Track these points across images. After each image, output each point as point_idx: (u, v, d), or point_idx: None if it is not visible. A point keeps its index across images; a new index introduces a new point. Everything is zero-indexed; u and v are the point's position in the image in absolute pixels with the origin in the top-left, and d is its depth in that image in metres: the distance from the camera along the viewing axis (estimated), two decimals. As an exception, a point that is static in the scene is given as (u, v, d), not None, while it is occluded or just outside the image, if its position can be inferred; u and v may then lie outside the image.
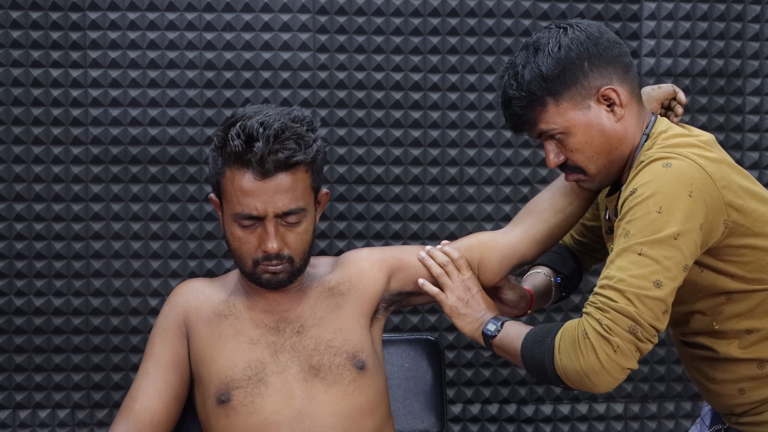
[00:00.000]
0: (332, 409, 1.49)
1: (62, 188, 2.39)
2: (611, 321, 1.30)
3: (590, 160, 1.47)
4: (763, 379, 1.47)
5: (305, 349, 1.53)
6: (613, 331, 1.30)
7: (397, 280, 1.65)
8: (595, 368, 1.31)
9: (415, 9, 2.45)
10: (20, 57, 2.37)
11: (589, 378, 1.33)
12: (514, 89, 1.48)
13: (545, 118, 1.47)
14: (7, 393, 2.41)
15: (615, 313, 1.31)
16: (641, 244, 1.32)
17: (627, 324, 1.30)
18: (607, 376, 1.31)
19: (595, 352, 1.31)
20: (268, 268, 1.49)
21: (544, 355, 1.39)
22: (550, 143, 1.50)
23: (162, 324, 1.58)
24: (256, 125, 1.43)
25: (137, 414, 1.49)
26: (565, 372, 1.36)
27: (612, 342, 1.30)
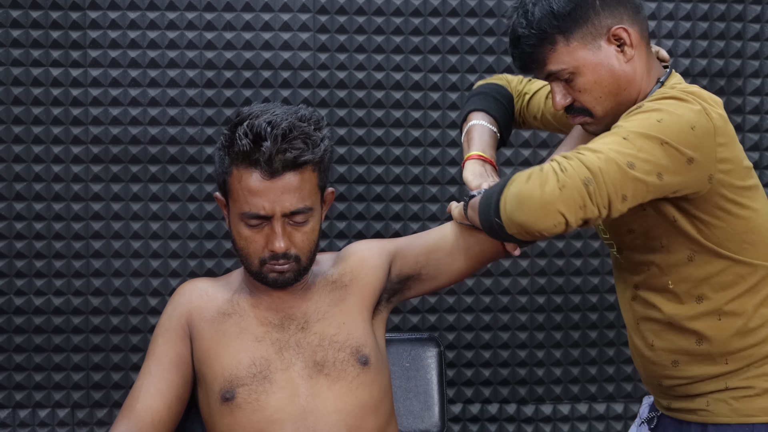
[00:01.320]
0: (336, 406, 1.49)
1: (62, 187, 2.39)
2: (570, 165, 1.27)
3: (598, 101, 1.45)
4: (697, 355, 1.46)
5: (310, 345, 1.53)
6: (567, 172, 1.26)
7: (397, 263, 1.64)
8: (534, 195, 1.26)
9: (415, 8, 2.45)
10: (20, 56, 2.37)
11: (524, 203, 1.27)
12: (523, 27, 1.45)
13: (555, 57, 1.44)
14: (7, 392, 2.41)
15: (577, 161, 1.27)
16: (629, 131, 1.30)
17: (584, 173, 1.25)
18: (541, 208, 1.26)
19: (540, 183, 1.26)
20: (274, 267, 1.49)
21: (495, 192, 1.35)
22: (558, 84, 1.48)
23: (165, 324, 1.58)
24: (263, 124, 1.43)
25: (139, 414, 1.49)
26: (505, 200, 1.31)
27: (561, 179, 1.25)
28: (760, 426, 1.44)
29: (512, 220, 1.30)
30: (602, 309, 2.54)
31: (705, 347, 1.46)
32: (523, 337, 2.53)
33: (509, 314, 2.52)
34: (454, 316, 2.51)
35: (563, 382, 2.55)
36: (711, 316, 1.44)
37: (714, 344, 1.45)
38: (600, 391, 2.56)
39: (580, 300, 2.54)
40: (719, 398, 1.46)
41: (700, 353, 1.46)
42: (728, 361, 1.45)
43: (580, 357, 2.55)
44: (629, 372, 2.55)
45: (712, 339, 1.45)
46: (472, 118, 1.70)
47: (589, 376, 2.55)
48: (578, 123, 1.52)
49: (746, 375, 1.45)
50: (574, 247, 2.53)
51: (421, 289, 1.68)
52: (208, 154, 2.42)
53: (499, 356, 2.53)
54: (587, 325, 2.54)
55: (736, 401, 1.45)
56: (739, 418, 1.45)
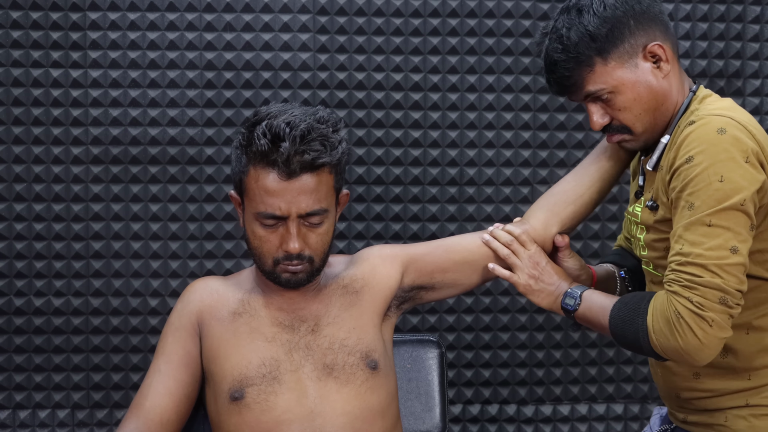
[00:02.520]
0: (344, 409, 1.49)
1: (62, 188, 2.39)
2: (701, 297, 1.31)
3: (638, 118, 1.47)
4: (721, 369, 1.47)
5: (319, 347, 1.53)
6: (706, 307, 1.31)
7: (410, 274, 1.64)
8: (695, 346, 1.33)
9: (415, 10, 2.45)
10: (20, 57, 2.37)
11: (690, 355, 1.34)
12: (559, 52, 1.47)
13: (593, 78, 1.46)
14: (7, 393, 2.41)
15: (703, 288, 1.32)
16: (710, 216, 1.33)
17: (717, 296, 1.31)
18: (707, 350, 1.33)
19: (692, 331, 1.32)
20: (288, 267, 1.49)
21: (638, 336, 1.39)
22: (595, 105, 1.50)
23: (175, 322, 1.57)
24: (282, 125, 1.43)
25: (147, 412, 1.49)
26: (663, 350, 1.37)
27: (707, 318, 1.31)
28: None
29: (681, 362, 1.40)
30: (602, 310, 2.54)
31: (729, 360, 1.46)
32: (523, 338, 2.53)
33: (509, 315, 2.52)
34: (454, 317, 2.51)
35: (563, 382, 2.55)
36: (739, 329, 1.44)
37: (739, 358, 1.45)
38: (600, 392, 2.56)
39: (580, 301, 2.54)
40: (738, 414, 1.46)
41: (724, 366, 1.46)
42: (751, 377, 1.45)
43: (580, 358, 2.55)
44: (629, 373, 2.56)
45: (737, 352, 1.45)
46: None
47: (589, 376, 2.56)
48: (616, 141, 1.54)
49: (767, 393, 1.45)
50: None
51: (433, 298, 1.70)
52: (208, 155, 2.42)
53: (499, 357, 2.53)
54: (587, 325, 2.55)
55: (756, 419, 1.45)
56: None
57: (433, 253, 1.67)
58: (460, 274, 1.65)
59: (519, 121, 2.50)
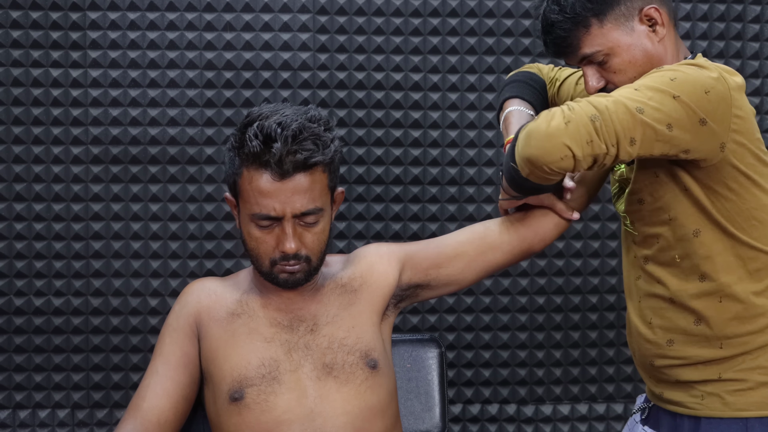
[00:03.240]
0: (344, 408, 1.49)
1: (62, 188, 2.39)
2: (577, 105, 1.31)
3: (632, 80, 1.46)
4: (693, 336, 1.47)
5: (318, 347, 1.53)
6: (574, 110, 1.29)
7: (407, 272, 1.64)
8: (541, 129, 1.30)
9: (415, 9, 2.45)
10: (20, 57, 2.37)
11: (530, 138, 1.32)
12: (556, 13, 1.48)
13: (589, 40, 1.47)
14: (7, 393, 2.41)
15: (585, 102, 1.31)
16: (641, 84, 1.34)
17: (591, 111, 1.29)
18: (547, 141, 1.29)
19: (547, 119, 1.31)
20: (285, 268, 1.49)
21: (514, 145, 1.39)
22: (591, 68, 1.51)
23: (172, 323, 1.57)
24: (273, 125, 1.42)
25: (145, 413, 1.49)
26: (518, 142, 1.35)
27: (566, 116, 1.29)
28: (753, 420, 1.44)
29: (522, 157, 1.34)
30: (602, 309, 2.54)
31: (702, 328, 1.46)
32: (523, 338, 2.53)
33: (509, 314, 2.53)
34: (454, 317, 2.51)
35: (563, 382, 2.55)
36: (712, 296, 1.45)
37: (711, 326, 1.46)
38: (600, 392, 2.56)
39: (580, 300, 2.54)
40: (712, 392, 1.47)
41: (697, 334, 1.47)
42: (723, 345, 1.46)
43: (580, 357, 2.55)
44: (629, 372, 2.56)
45: (710, 320, 1.46)
46: (508, 105, 1.72)
47: (589, 376, 2.56)
48: None
49: (740, 366, 1.46)
50: (574, 247, 2.53)
51: (430, 296, 1.70)
52: (208, 154, 2.42)
53: (499, 357, 2.53)
54: (587, 325, 2.55)
55: (729, 395, 1.45)
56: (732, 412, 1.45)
57: (427, 249, 1.67)
58: (453, 269, 1.65)
59: (519, 121, 2.50)
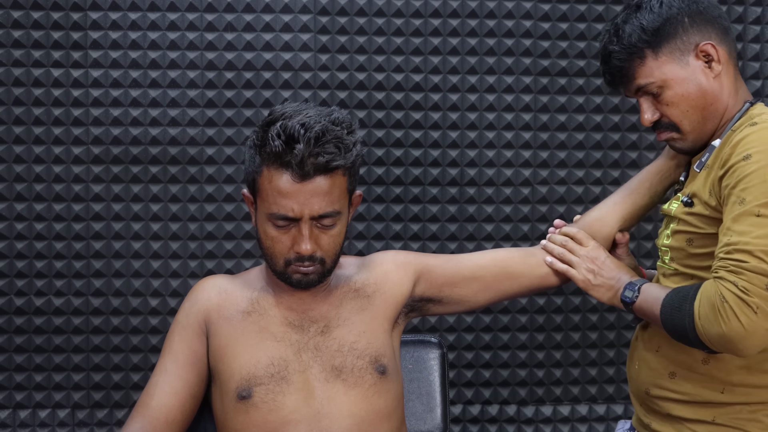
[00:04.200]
0: (351, 411, 1.49)
1: (63, 188, 2.39)
2: (747, 282, 1.29)
3: (685, 115, 1.49)
4: (698, 374, 1.47)
5: (328, 349, 1.53)
6: (751, 292, 1.29)
7: (421, 284, 1.64)
8: (739, 332, 1.30)
9: (416, 10, 2.45)
10: (21, 57, 2.37)
11: (734, 343, 1.31)
12: (614, 44, 1.52)
13: (643, 71, 1.50)
14: (8, 393, 2.41)
15: (749, 273, 1.30)
16: (759, 206, 1.32)
17: (763, 282, 1.29)
18: (752, 338, 1.30)
19: (736, 317, 1.29)
20: (299, 269, 1.49)
21: (684, 322, 1.38)
22: (646, 100, 1.53)
23: (182, 321, 1.57)
24: (297, 126, 1.42)
25: (153, 411, 1.49)
26: (708, 338, 1.34)
27: (751, 303, 1.28)
28: None
29: (726, 352, 1.36)
30: (602, 310, 2.54)
31: (709, 368, 1.46)
32: (523, 339, 2.53)
33: (509, 315, 2.53)
34: (455, 318, 2.52)
35: (563, 383, 2.55)
36: None
37: (719, 368, 1.45)
38: (600, 393, 2.56)
39: (581, 301, 2.54)
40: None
41: (702, 373, 1.47)
42: (725, 390, 1.45)
43: (581, 358, 2.55)
44: (629, 373, 2.56)
45: (719, 362, 1.45)
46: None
47: (589, 377, 2.56)
48: (665, 139, 1.56)
49: (737, 415, 1.45)
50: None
51: (439, 311, 1.70)
52: (209, 155, 2.42)
53: (499, 357, 2.53)
54: (587, 326, 2.55)
55: None
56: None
57: (445, 266, 1.67)
58: (467, 290, 1.66)
59: (520, 122, 2.50)
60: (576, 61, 2.50)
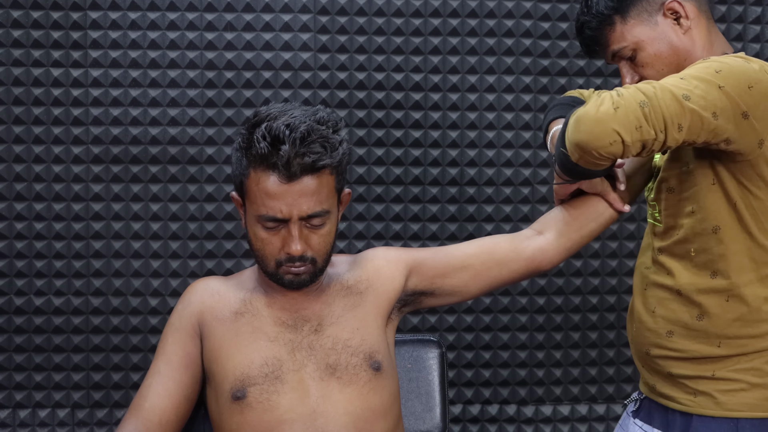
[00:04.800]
0: (346, 409, 1.49)
1: (63, 187, 2.39)
2: (626, 91, 1.32)
3: (661, 73, 1.51)
4: (694, 330, 1.48)
5: (322, 347, 1.53)
6: (623, 96, 1.31)
7: (413, 278, 1.64)
8: (590, 114, 1.32)
9: (416, 10, 2.45)
10: (21, 56, 2.37)
11: (579, 123, 1.33)
12: (585, 14, 1.56)
13: (615, 37, 1.54)
14: (7, 392, 2.41)
15: (633, 88, 1.32)
16: (686, 74, 1.35)
17: (639, 96, 1.30)
18: (596, 126, 1.31)
19: (596, 104, 1.32)
20: (290, 269, 1.48)
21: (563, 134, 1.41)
22: (625, 66, 1.56)
23: (175, 323, 1.57)
24: (282, 127, 1.41)
25: (146, 413, 1.49)
26: (568, 128, 1.37)
27: (615, 101, 1.31)
28: (744, 421, 1.45)
29: (572, 142, 1.36)
30: (602, 310, 2.54)
31: (703, 324, 1.47)
32: (523, 338, 2.53)
33: (509, 315, 2.53)
34: (454, 317, 2.51)
35: (563, 383, 2.55)
36: (720, 294, 1.45)
37: (713, 323, 1.46)
38: (600, 392, 2.56)
39: (581, 301, 2.54)
40: (704, 390, 1.47)
41: (697, 329, 1.48)
42: (721, 344, 1.46)
43: (580, 358, 2.55)
44: (629, 373, 2.56)
45: (713, 317, 1.46)
46: (554, 125, 1.76)
47: (589, 377, 2.56)
48: None
49: (735, 366, 1.46)
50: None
51: (432, 304, 1.70)
52: (209, 154, 2.42)
53: (499, 357, 2.53)
54: (587, 326, 2.55)
55: (722, 395, 1.46)
56: (724, 412, 1.46)
57: (434, 257, 1.66)
58: (458, 280, 1.65)
59: (519, 122, 2.50)
60: (576, 61, 2.50)
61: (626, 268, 2.54)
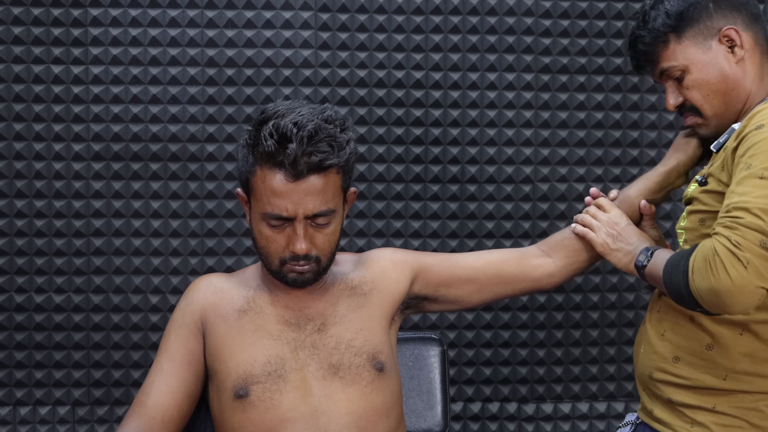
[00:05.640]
0: (348, 408, 1.49)
1: (63, 185, 2.39)
2: (740, 237, 1.28)
3: (706, 99, 1.51)
4: (702, 360, 1.47)
5: (325, 347, 1.52)
6: (743, 246, 1.27)
7: (417, 283, 1.65)
8: (728, 286, 1.28)
9: (417, 7, 2.45)
10: (22, 53, 2.36)
11: (722, 297, 1.29)
12: (640, 29, 1.56)
13: (666, 55, 1.53)
14: (8, 390, 2.41)
15: (744, 228, 1.28)
16: (763, 170, 1.32)
17: (757, 238, 1.27)
18: (740, 295, 1.28)
19: (726, 270, 1.28)
20: (295, 267, 1.48)
21: (680, 278, 1.37)
22: (671, 85, 1.55)
23: (178, 320, 1.57)
24: (289, 125, 1.41)
25: (149, 410, 1.49)
26: (699, 293, 1.33)
27: (742, 258, 1.27)
28: None
29: (716, 309, 1.34)
30: (603, 308, 2.54)
31: (713, 354, 1.46)
32: (524, 336, 2.53)
33: (510, 312, 2.52)
34: (455, 315, 2.51)
35: (564, 380, 2.55)
36: (735, 327, 1.44)
37: (723, 355, 1.45)
38: (601, 390, 2.56)
39: (582, 299, 2.54)
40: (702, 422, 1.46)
41: (705, 358, 1.46)
42: (727, 377, 1.45)
43: (581, 356, 2.55)
44: (630, 371, 2.55)
45: (723, 349, 1.45)
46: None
47: (590, 374, 2.55)
48: (690, 124, 1.58)
49: (737, 404, 1.45)
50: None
51: (433, 309, 1.71)
52: (209, 151, 2.42)
53: (500, 355, 2.53)
54: (588, 323, 2.55)
55: (720, 429, 1.45)
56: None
57: (441, 266, 1.67)
58: (462, 291, 1.66)
59: (521, 119, 2.49)
60: (577, 59, 2.50)
61: (627, 265, 2.54)
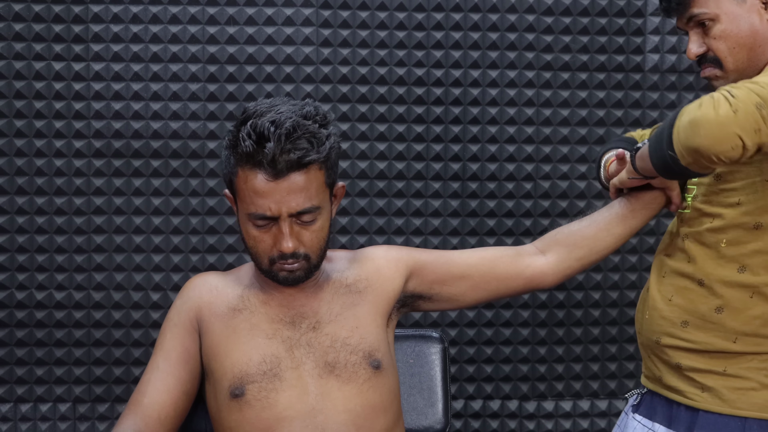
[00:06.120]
0: (345, 406, 1.48)
1: (64, 182, 2.39)
2: (739, 92, 1.27)
3: (731, 51, 1.48)
4: (711, 323, 1.47)
5: (321, 345, 1.52)
6: (738, 98, 1.26)
7: (412, 281, 1.64)
8: (709, 118, 1.26)
9: (418, 4, 2.44)
10: (22, 50, 2.36)
11: (699, 128, 1.26)
12: None
13: (699, 0, 1.48)
14: (9, 386, 2.41)
15: (746, 89, 1.27)
16: None
17: (754, 99, 1.25)
18: (718, 130, 1.25)
19: (713, 107, 1.26)
20: (284, 266, 1.48)
21: (664, 133, 1.35)
22: (696, 32, 1.51)
23: (173, 318, 1.57)
24: (267, 124, 1.40)
25: (145, 409, 1.49)
26: (679, 129, 1.31)
27: (733, 104, 1.25)
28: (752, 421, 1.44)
29: (688, 147, 1.30)
30: (605, 306, 2.54)
31: (722, 317, 1.45)
32: (525, 334, 2.53)
33: (511, 310, 2.52)
34: (457, 312, 2.51)
35: (565, 378, 2.55)
36: (745, 289, 1.44)
37: (733, 317, 1.45)
38: (602, 388, 2.56)
39: (583, 296, 2.54)
40: (713, 386, 1.46)
41: (715, 321, 1.46)
42: (737, 340, 1.45)
43: (583, 354, 2.55)
44: (631, 369, 2.55)
45: (733, 311, 1.45)
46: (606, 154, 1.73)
47: (591, 372, 2.55)
48: (707, 75, 1.54)
49: (748, 365, 1.45)
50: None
51: (429, 308, 1.70)
52: (210, 148, 2.42)
53: (501, 352, 2.53)
54: (590, 321, 2.54)
55: (731, 392, 1.45)
56: (732, 410, 1.45)
57: (435, 263, 1.66)
58: (456, 289, 1.65)
59: (522, 117, 2.49)
60: (579, 56, 2.49)
61: (628, 263, 2.53)
